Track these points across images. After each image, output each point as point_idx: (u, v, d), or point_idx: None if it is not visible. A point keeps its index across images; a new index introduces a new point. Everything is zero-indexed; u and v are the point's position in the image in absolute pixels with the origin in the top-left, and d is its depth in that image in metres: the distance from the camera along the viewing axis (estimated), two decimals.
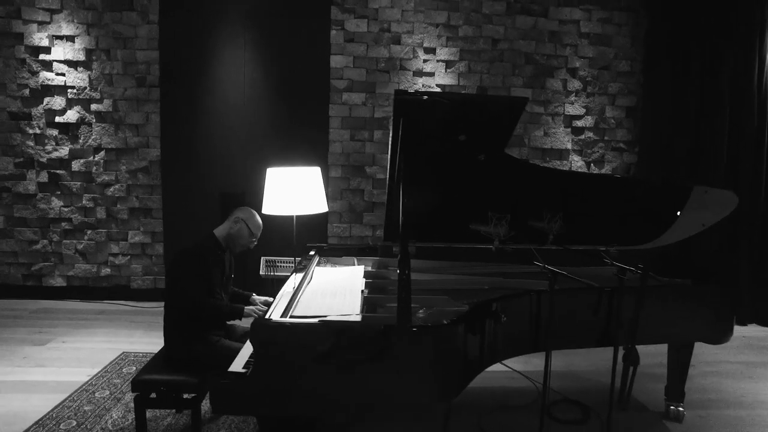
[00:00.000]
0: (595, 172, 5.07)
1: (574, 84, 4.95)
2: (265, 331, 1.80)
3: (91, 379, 3.27)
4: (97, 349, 3.76)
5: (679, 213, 3.03)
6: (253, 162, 4.73)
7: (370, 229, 4.94)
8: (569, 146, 5.03)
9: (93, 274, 4.83)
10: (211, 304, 2.41)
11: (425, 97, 1.88)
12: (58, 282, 4.83)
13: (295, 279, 2.58)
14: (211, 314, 2.43)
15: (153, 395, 2.35)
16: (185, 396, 2.37)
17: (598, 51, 4.95)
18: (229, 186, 4.57)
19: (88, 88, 4.62)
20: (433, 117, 1.96)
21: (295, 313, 2.06)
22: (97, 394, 3.07)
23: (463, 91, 4.83)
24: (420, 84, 4.80)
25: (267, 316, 1.99)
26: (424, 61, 4.78)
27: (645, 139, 4.95)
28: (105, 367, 3.45)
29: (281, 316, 2.03)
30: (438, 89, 4.81)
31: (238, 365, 2.00)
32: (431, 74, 4.80)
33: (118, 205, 4.77)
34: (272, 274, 4.04)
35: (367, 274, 2.76)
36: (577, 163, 5.05)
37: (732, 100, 4.65)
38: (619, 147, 5.10)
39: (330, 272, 2.80)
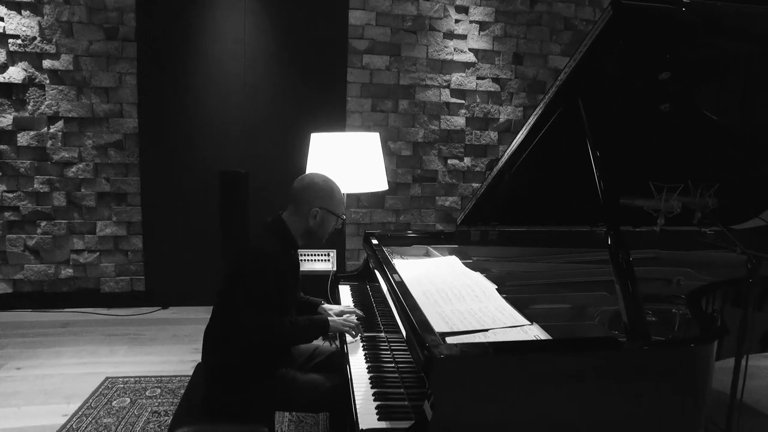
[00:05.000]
0: None
1: None
2: (457, 371, 1.09)
3: (70, 420, 2.39)
4: (69, 375, 2.85)
5: None
6: (256, 135, 3.90)
7: (393, 214, 4.25)
8: None
9: (50, 277, 3.83)
10: (289, 325, 1.65)
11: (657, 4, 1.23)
12: (1, 288, 3.79)
13: (379, 275, 1.88)
14: (289, 337, 1.68)
15: None
16: None
17: None
18: (226, 163, 3.72)
19: (39, 38, 3.60)
20: (649, 41, 1.34)
21: (441, 330, 1.37)
22: None
23: (496, 59, 4.23)
24: (451, 47, 4.14)
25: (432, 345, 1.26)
26: (456, 21, 4.12)
27: None
28: (87, 400, 2.57)
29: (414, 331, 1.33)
30: (471, 55, 4.18)
31: (367, 421, 1.27)
32: (463, 37, 4.15)
33: (83, 190, 3.80)
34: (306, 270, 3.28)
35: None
36: None
37: None
38: None
39: (418, 266, 2.10)
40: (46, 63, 3.63)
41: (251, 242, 1.69)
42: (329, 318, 1.72)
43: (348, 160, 2.48)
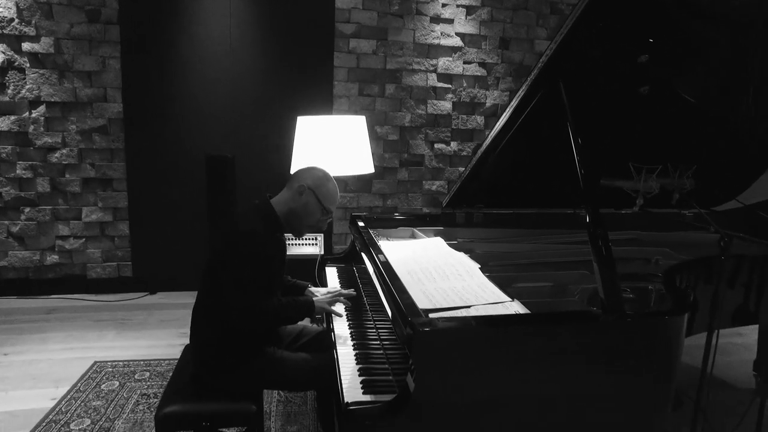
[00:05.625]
0: None
1: None
2: (440, 341, 1.13)
3: (59, 404, 2.40)
4: (57, 360, 2.85)
5: None
6: (242, 120, 3.89)
7: (380, 198, 4.28)
8: None
9: (35, 263, 3.81)
10: (275, 307, 1.67)
11: None
12: None
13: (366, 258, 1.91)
14: (275, 319, 1.70)
15: None
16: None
17: None
18: (213, 148, 3.69)
19: (17, 20, 3.53)
20: (628, 24, 1.36)
21: (424, 307, 1.40)
22: (73, 426, 2.23)
23: (483, 43, 4.24)
24: (438, 31, 4.14)
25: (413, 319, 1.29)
26: (443, 5, 4.11)
27: None
28: (75, 384, 2.58)
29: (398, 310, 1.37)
30: (458, 39, 4.18)
31: (352, 394, 1.31)
32: (450, 21, 4.15)
33: (67, 175, 3.76)
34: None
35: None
36: None
37: None
38: None
39: (403, 247, 2.13)
40: (26, 46, 3.56)
41: (237, 224, 1.69)
42: (315, 298, 1.74)
43: (334, 143, 2.50)
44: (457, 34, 4.18)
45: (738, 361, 2.96)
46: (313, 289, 2.00)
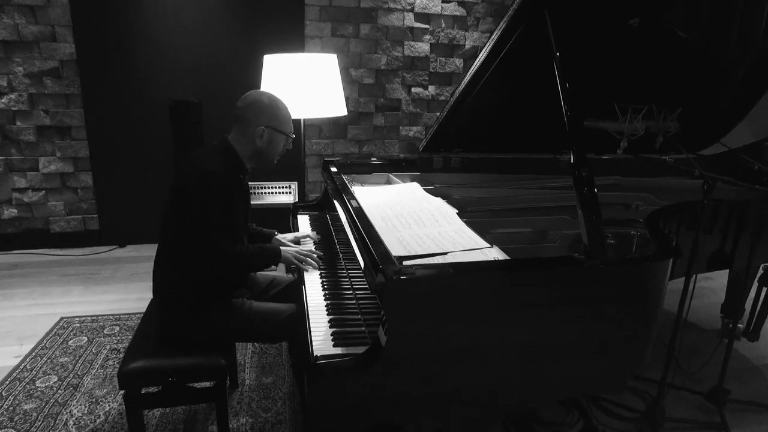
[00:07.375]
0: None
1: None
2: (412, 288, 1.05)
3: (24, 361, 2.32)
4: (21, 317, 2.74)
5: None
6: (208, 63, 3.63)
7: (356, 144, 4.13)
8: None
9: None
10: (244, 254, 1.59)
11: None
12: None
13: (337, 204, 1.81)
14: (242, 266, 1.62)
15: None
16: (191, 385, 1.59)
17: None
18: (178, 92, 3.46)
19: None
20: None
21: (398, 254, 1.32)
22: (39, 383, 2.15)
23: None
24: None
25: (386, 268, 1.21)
26: None
27: None
28: (41, 341, 2.49)
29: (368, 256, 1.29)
30: None
31: (322, 347, 1.24)
32: None
33: (18, 123, 3.50)
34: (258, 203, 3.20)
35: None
36: None
37: None
38: None
39: (378, 193, 2.04)
40: None
41: (195, 164, 1.57)
42: (282, 248, 1.66)
43: (304, 83, 2.34)
44: None
45: (706, 305, 3.03)
46: (279, 236, 1.91)
